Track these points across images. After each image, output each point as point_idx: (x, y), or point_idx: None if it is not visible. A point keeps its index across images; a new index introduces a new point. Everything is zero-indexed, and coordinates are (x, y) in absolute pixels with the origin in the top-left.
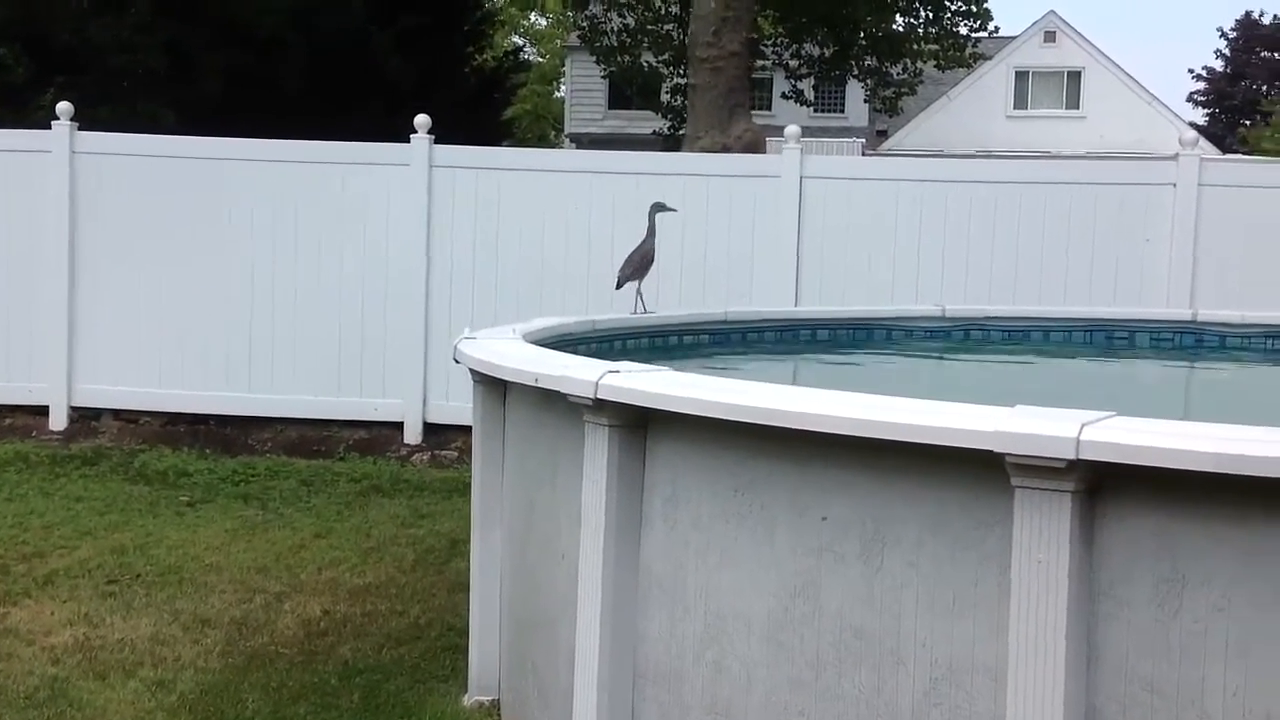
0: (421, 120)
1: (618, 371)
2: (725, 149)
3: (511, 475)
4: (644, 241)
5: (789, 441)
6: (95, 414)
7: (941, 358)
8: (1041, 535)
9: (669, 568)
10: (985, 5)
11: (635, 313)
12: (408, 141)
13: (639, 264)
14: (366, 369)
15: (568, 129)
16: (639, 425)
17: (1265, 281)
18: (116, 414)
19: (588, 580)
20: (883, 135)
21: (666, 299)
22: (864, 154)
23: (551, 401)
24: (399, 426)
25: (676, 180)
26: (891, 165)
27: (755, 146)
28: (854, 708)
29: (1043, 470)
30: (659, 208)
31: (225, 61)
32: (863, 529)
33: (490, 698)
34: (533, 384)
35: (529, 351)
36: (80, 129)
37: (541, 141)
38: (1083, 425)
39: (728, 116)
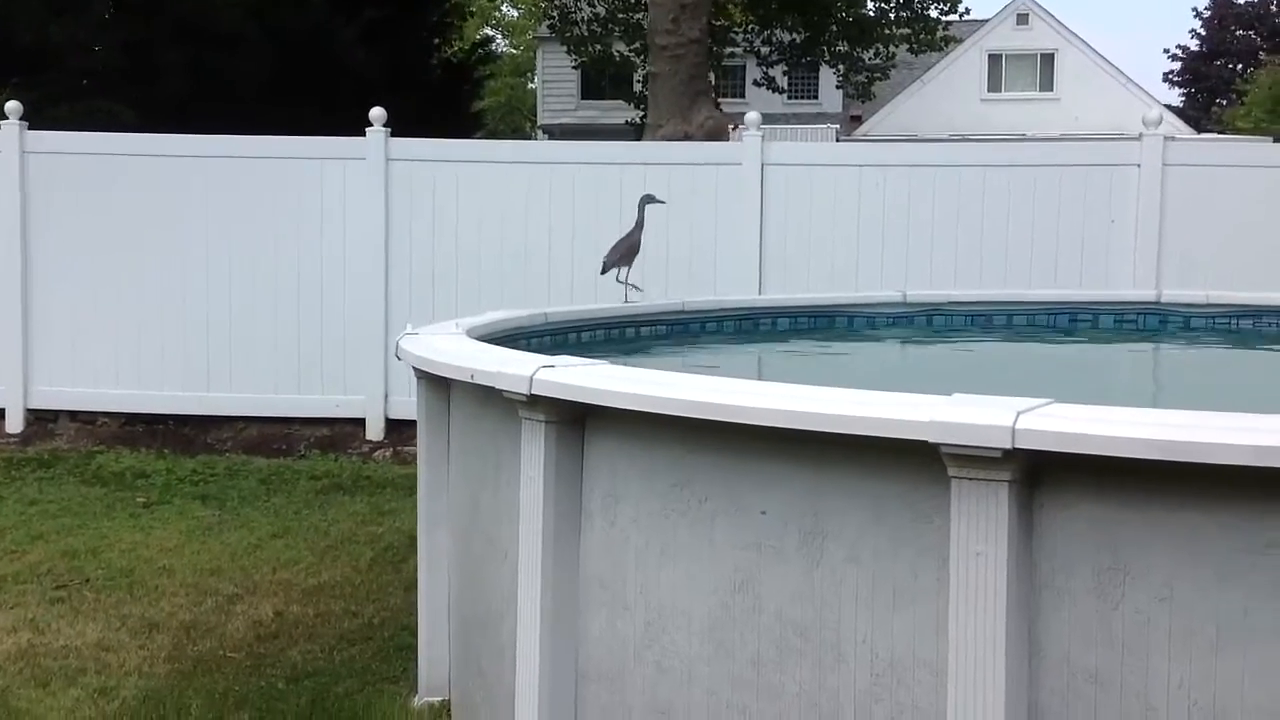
0: (377, 114)
1: (552, 366)
2: (687, 137)
3: (456, 474)
4: (631, 231)
5: (727, 435)
6: (53, 416)
7: (907, 343)
8: (979, 527)
9: (609, 565)
10: None
11: (626, 301)
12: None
13: (625, 252)
14: (327, 366)
15: (540, 120)
16: (576, 421)
17: (1231, 261)
18: (74, 415)
19: (527, 579)
20: (857, 121)
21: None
22: (838, 139)
23: (491, 398)
24: (361, 423)
25: (637, 169)
26: (853, 150)
27: (718, 134)
28: (795, 704)
29: (979, 460)
30: (649, 199)
31: (186, 58)
32: (801, 523)
33: (440, 698)
34: (469, 380)
35: (466, 347)
36: (32, 128)
37: (516, 133)
38: (1018, 413)
39: (689, 104)
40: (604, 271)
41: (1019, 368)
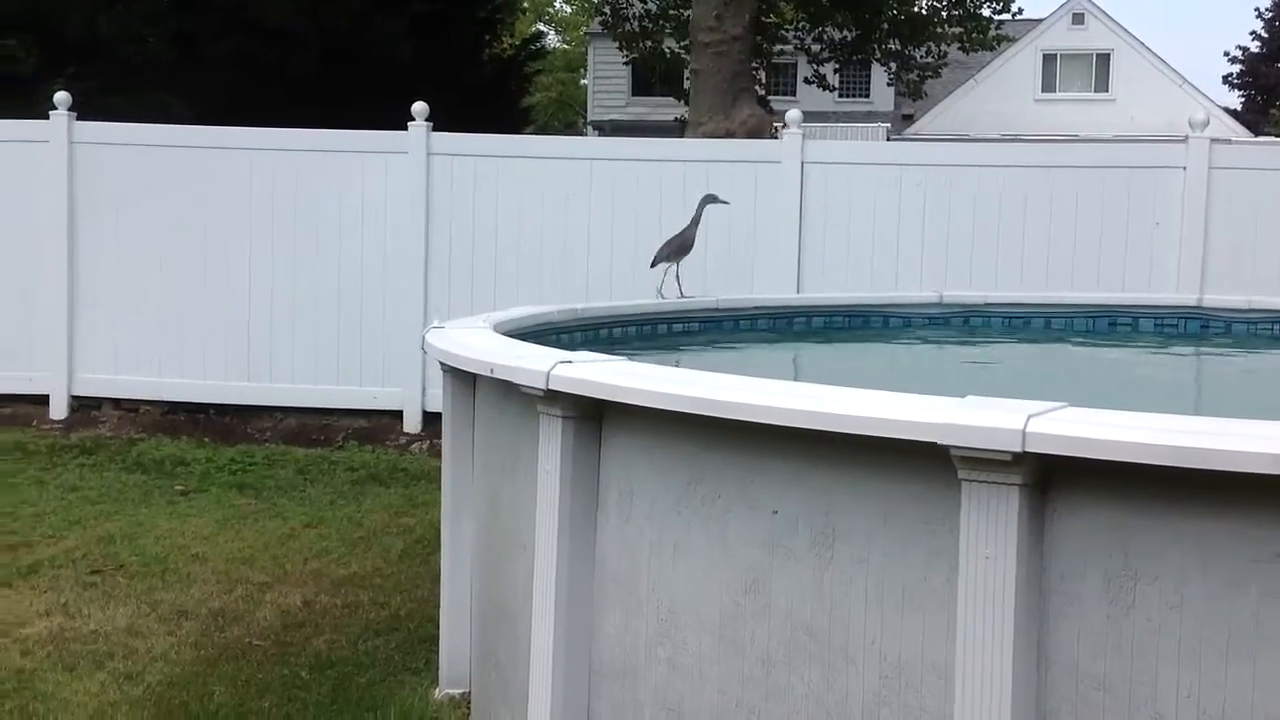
0: (419, 108)
1: (570, 362)
2: (729, 134)
3: (479, 467)
4: (686, 228)
5: (740, 433)
6: (96, 403)
7: (940, 344)
8: (989, 530)
9: (624, 561)
10: None
11: (681, 295)
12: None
13: (677, 247)
14: (366, 357)
15: (590, 116)
16: (593, 417)
17: (1276, 265)
18: (117, 403)
19: (543, 574)
20: (909, 119)
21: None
22: (889, 138)
23: (511, 393)
24: (399, 415)
25: (677, 166)
26: (894, 150)
27: (759, 132)
28: (804, 706)
29: (989, 463)
30: (711, 199)
31: (234, 50)
32: (813, 523)
33: (461, 691)
34: (489, 374)
35: (488, 341)
36: (80, 119)
37: (568, 129)
38: (1029, 417)
39: (731, 102)
40: (654, 265)
41: (1049, 371)
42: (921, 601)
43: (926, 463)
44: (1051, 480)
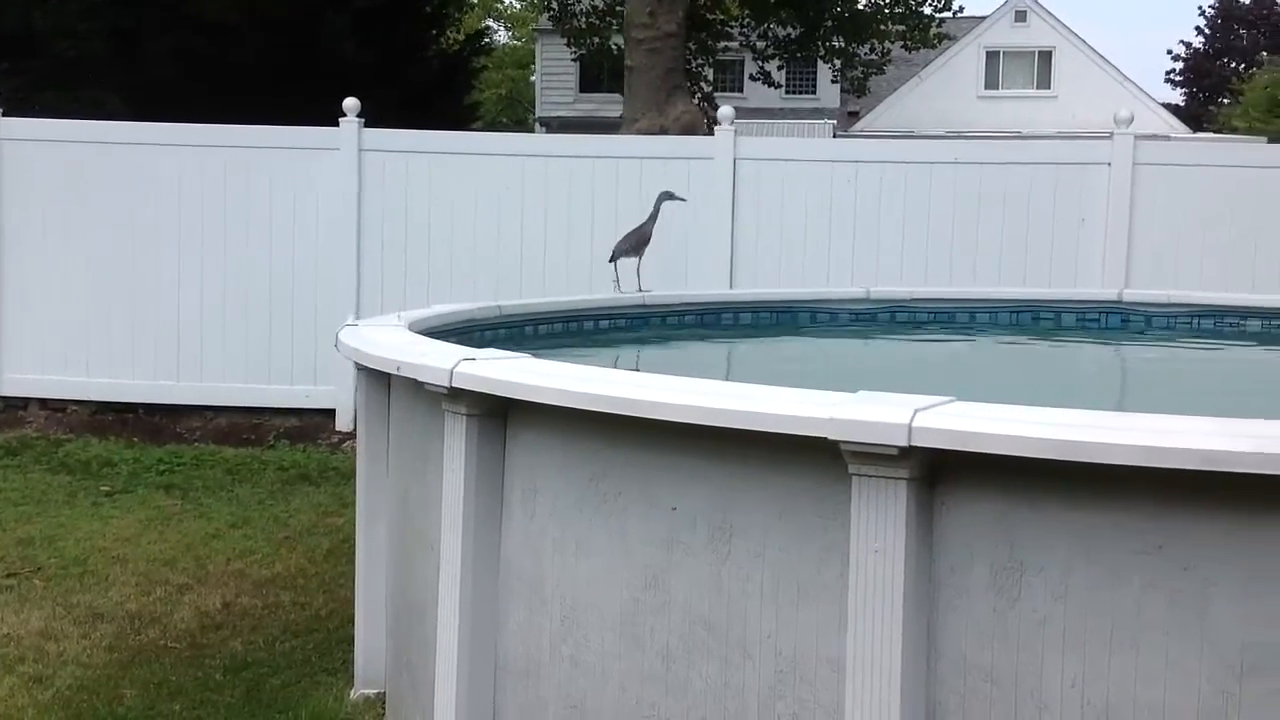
0: (350, 104)
1: (474, 359)
2: (664, 131)
3: (392, 466)
4: (644, 224)
5: (640, 430)
6: (22, 403)
7: (866, 339)
8: (878, 524)
9: (528, 559)
10: None
11: (640, 289)
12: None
13: (635, 242)
14: (298, 356)
15: (538, 113)
16: (498, 414)
17: (1199, 260)
18: (44, 403)
19: (448, 571)
20: (855, 116)
21: (601, 282)
22: (835, 135)
23: (420, 391)
24: (331, 414)
25: (610, 163)
26: (826, 146)
27: (693, 128)
28: (702, 700)
29: (877, 457)
30: (668, 195)
31: (173, 46)
32: (711, 519)
33: (377, 691)
34: (396, 372)
35: (397, 339)
36: (8, 115)
37: (518, 125)
38: (915, 411)
39: (665, 98)
40: (612, 259)
41: (964, 365)
42: (815, 595)
43: (819, 458)
44: (940, 474)
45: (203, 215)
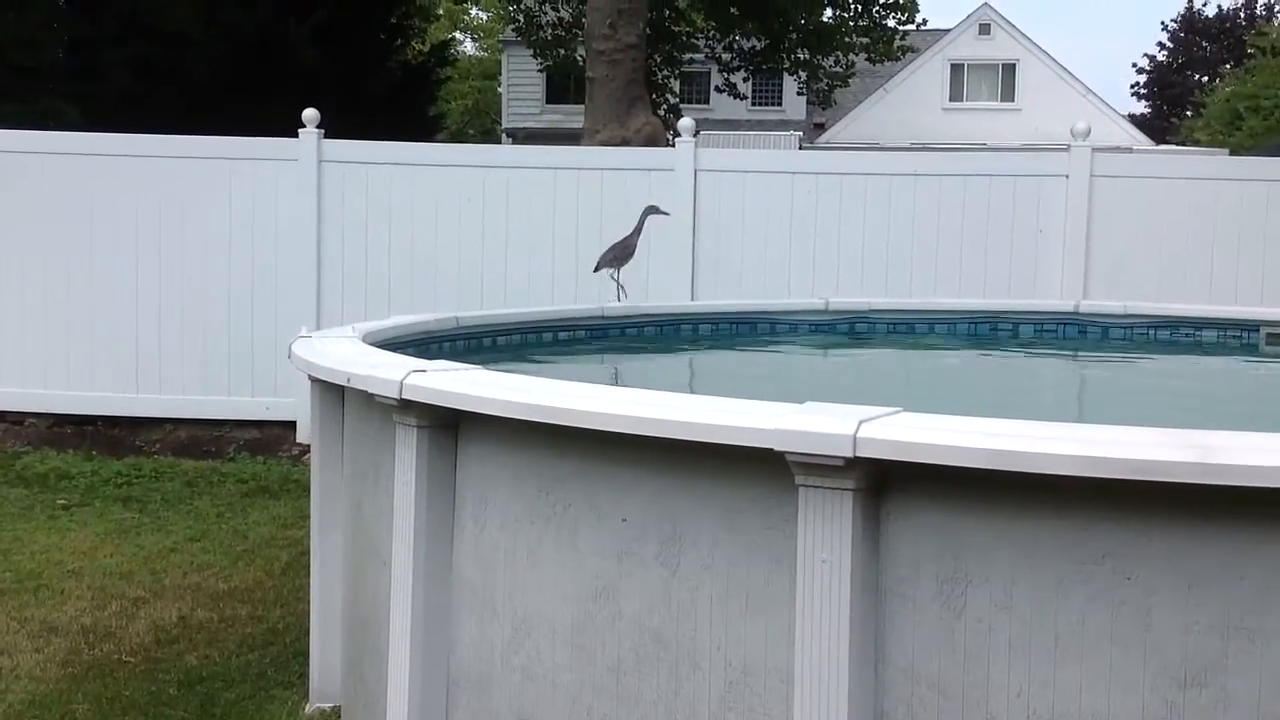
0: (310, 114)
1: (424, 371)
2: (625, 142)
3: (346, 479)
4: (629, 236)
5: (589, 441)
6: None
7: (824, 351)
8: (825, 534)
9: (479, 571)
10: None
11: (622, 299)
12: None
13: (618, 254)
14: (258, 368)
15: (505, 124)
16: (449, 426)
17: (1156, 272)
18: (1, 415)
19: (400, 584)
20: (820, 128)
21: (562, 293)
22: (801, 147)
23: (372, 403)
24: (292, 426)
25: (571, 174)
26: (786, 158)
27: (655, 140)
28: (653, 712)
29: (823, 468)
30: (652, 210)
31: (133, 56)
32: (660, 531)
33: (332, 705)
34: (346, 384)
35: (348, 351)
36: None
37: (485, 136)
38: (860, 422)
39: (626, 110)
40: (596, 270)
41: (920, 376)
42: (764, 606)
43: (767, 469)
44: (886, 484)
45: (161, 226)
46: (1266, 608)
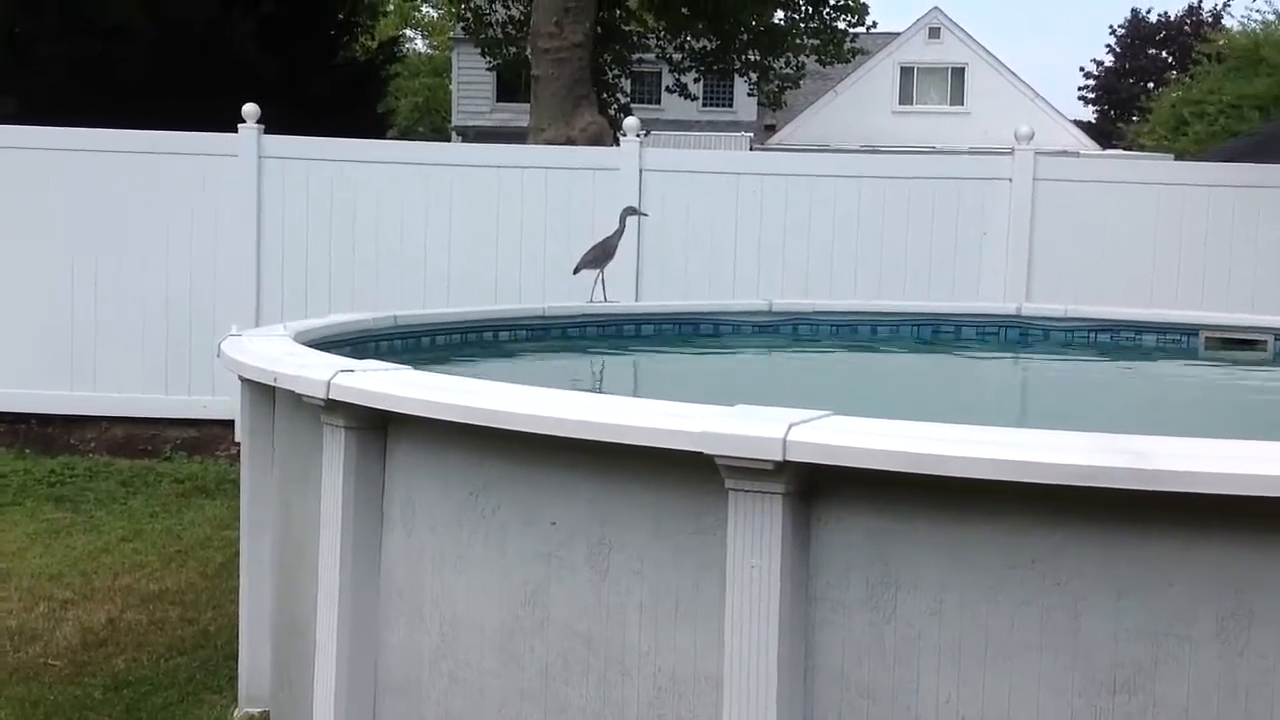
0: (250, 109)
1: (351, 371)
2: (570, 141)
3: (276, 480)
4: (609, 237)
5: (518, 444)
6: None
7: (767, 352)
8: (754, 539)
9: (407, 574)
10: (862, 1)
11: (604, 300)
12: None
13: (599, 255)
14: (195, 366)
15: (455, 122)
16: (378, 427)
17: (1098, 275)
18: None
19: (327, 588)
20: (771, 130)
21: (506, 292)
22: (751, 148)
23: (301, 404)
24: (230, 424)
25: (515, 173)
26: (731, 159)
27: (600, 139)
28: (581, 718)
29: (752, 472)
30: (630, 210)
31: (72, 50)
32: (589, 534)
33: (261, 709)
34: (273, 384)
35: (276, 350)
36: None
37: (435, 134)
38: (790, 425)
39: (572, 108)
40: (576, 272)
41: (860, 378)
42: (693, 612)
43: (696, 473)
44: (816, 489)
45: (97, 221)
46: (1195, 614)
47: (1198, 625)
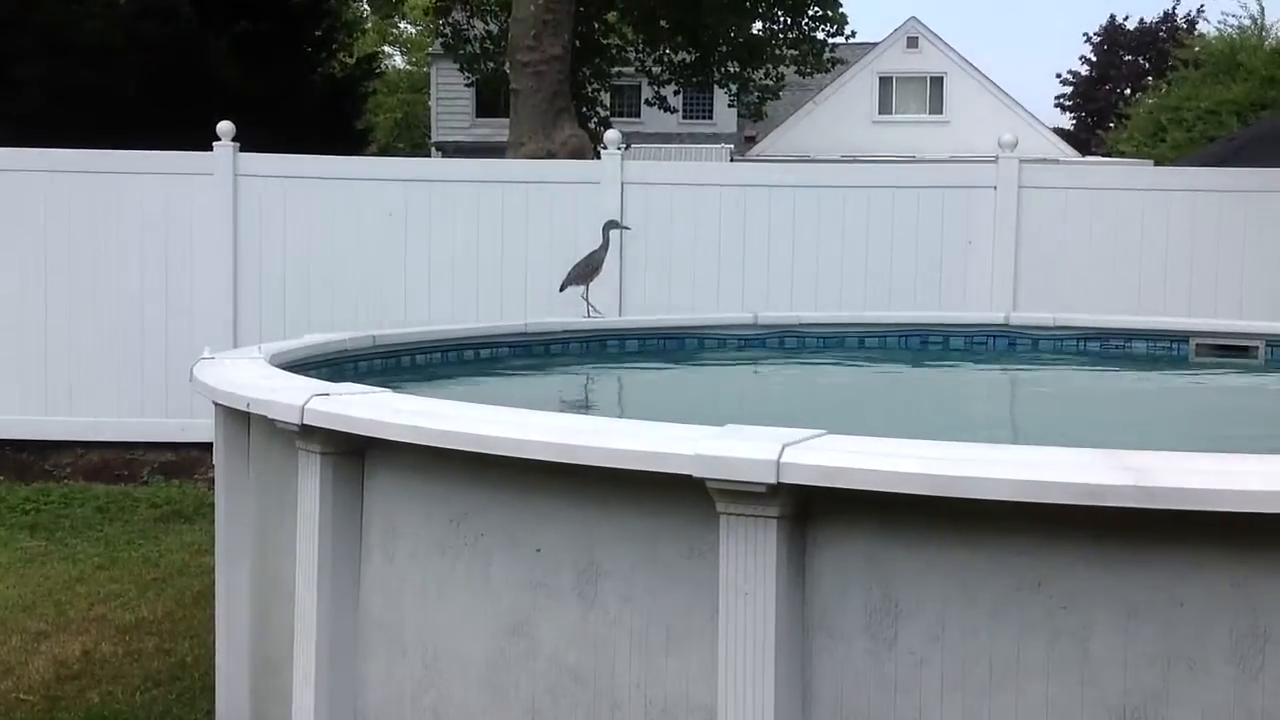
0: (224, 127)
1: (327, 395)
2: (550, 155)
3: (252, 509)
4: (594, 252)
5: (501, 468)
6: None
7: (753, 366)
8: (747, 565)
9: (387, 605)
10: (841, 10)
11: (591, 314)
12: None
13: (584, 271)
14: (172, 388)
15: (434, 137)
16: (355, 453)
17: (1084, 283)
18: None
19: (303, 619)
20: (751, 141)
21: (487, 309)
22: (732, 159)
23: (276, 429)
24: (209, 448)
25: (495, 188)
26: (713, 171)
27: (581, 152)
28: None
29: (745, 495)
30: (613, 224)
31: (48, 71)
32: (576, 561)
33: None
34: (246, 409)
35: (249, 374)
36: None
37: (415, 150)
38: (784, 446)
39: (552, 121)
40: (562, 289)
41: (850, 392)
42: (685, 641)
43: (686, 496)
44: (811, 512)
45: (70, 242)
46: (1207, 636)
47: (1210, 647)
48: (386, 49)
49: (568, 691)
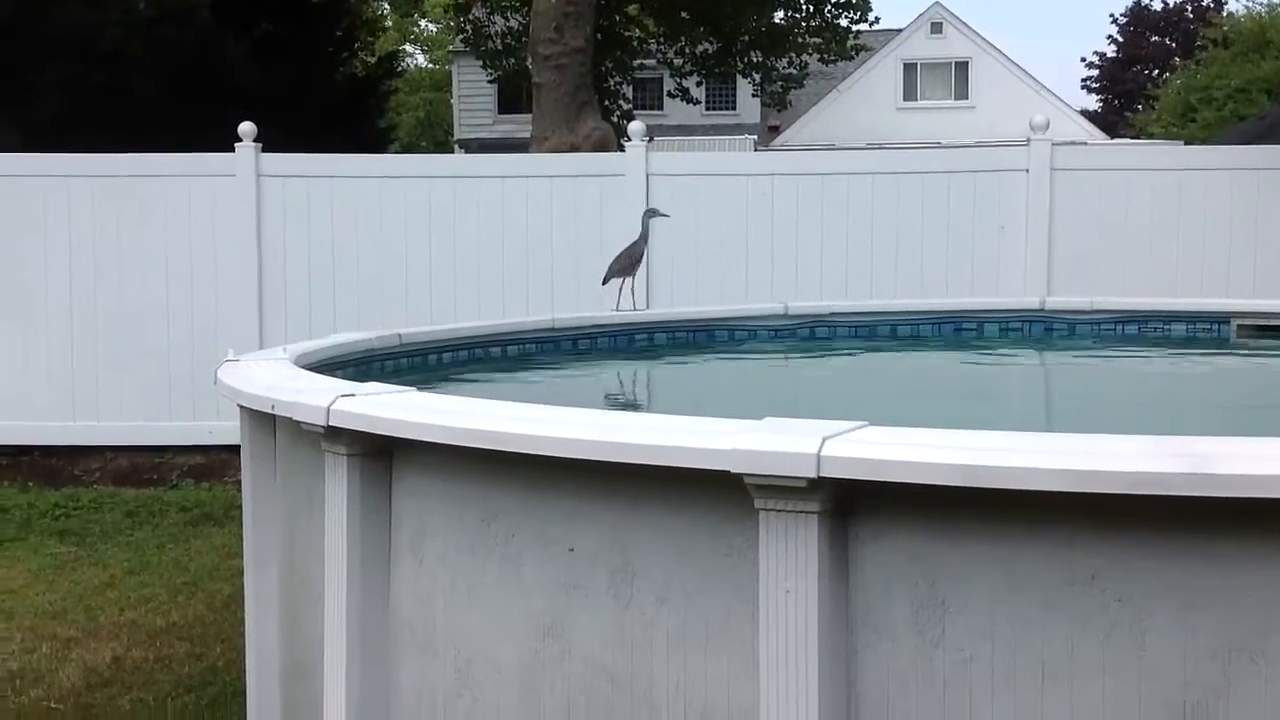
0: (246, 129)
1: (352, 395)
2: (574, 148)
3: (280, 512)
4: (635, 243)
5: (532, 467)
6: None
7: (787, 358)
8: (789, 562)
9: (418, 608)
10: None
11: (634, 308)
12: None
13: (626, 263)
14: (199, 390)
15: (457, 135)
16: (383, 453)
17: (1120, 265)
18: None
19: (333, 624)
20: (775, 131)
21: (514, 305)
22: (756, 150)
23: (301, 431)
24: (237, 450)
25: (519, 183)
26: (740, 160)
27: (605, 145)
28: None
29: (785, 490)
30: (652, 213)
31: (66, 76)
32: (610, 561)
33: None
34: (270, 411)
35: (273, 375)
36: None
37: (438, 148)
38: (824, 439)
39: (575, 115)
40: (605, 282)
41: (885, 382)
42: (725, 641)
43: (724, 492)
44: (853, 505)
45: (95, 247)
46: (1270, 628)
47: (1274, 639)
48: (407, 47)
49: (603, 694)
